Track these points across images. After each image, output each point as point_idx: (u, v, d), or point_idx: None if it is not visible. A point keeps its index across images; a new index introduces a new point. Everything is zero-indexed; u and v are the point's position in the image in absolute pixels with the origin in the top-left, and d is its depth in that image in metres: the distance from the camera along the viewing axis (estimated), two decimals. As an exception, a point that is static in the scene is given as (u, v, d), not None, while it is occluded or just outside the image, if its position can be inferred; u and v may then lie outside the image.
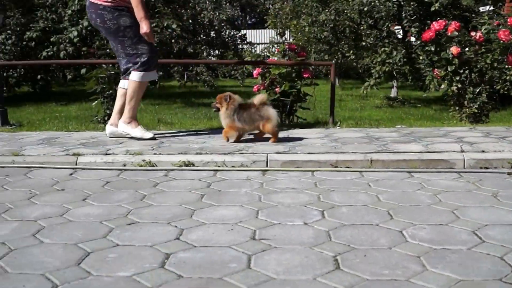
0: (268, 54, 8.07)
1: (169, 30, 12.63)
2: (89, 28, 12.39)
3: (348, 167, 4.07)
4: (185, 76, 18.38)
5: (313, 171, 4.00)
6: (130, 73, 5.19)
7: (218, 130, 5.91)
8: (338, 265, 2.17)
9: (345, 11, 12.40)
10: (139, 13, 5.02)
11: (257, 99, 4.85)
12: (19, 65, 13.56)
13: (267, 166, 4.13)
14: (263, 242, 2.45)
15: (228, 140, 4.89)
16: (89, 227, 2.71)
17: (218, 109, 4.99)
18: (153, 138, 5.19)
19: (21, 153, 4.53)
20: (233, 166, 4.15)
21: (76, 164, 4.30)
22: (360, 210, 2.95)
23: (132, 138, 5.24)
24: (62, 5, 13.99)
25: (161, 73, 15.80)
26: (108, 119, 6.90)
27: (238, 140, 4.93)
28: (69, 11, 12.63)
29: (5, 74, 12.92)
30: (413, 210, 2.92)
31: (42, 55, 12.84)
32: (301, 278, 2.06)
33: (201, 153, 4.38)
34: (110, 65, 7.02)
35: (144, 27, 5.02)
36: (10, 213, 2.99)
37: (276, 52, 7.16)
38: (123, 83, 5.33)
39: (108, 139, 5.28)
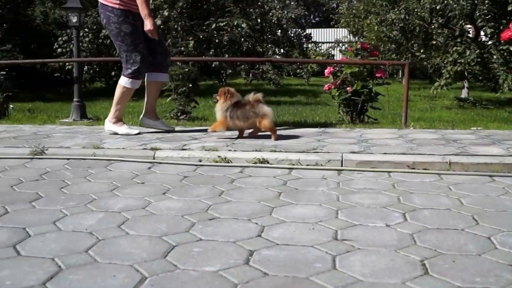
0: (335, 54, 8.00)
1: (239, 28, 12.70)
2: (162, 26, 12.59)
3: (425, 169, 3.96)
4: (251, 74, 18.46)
5: (390, 172, 3.90)
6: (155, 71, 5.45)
7: (290, 128, 5.89)
8: (427, 270, 2.10)
9: (415, 10, 12.14)
10: (143, 10, 5.13)
11: (251, 97, 4.95)
12: (95, 62, 13.90)
13: (342, 166, 4.07)
14: (346, 243, 2.40)
15: (213, 131, 5.06)
16: (171, 221, 2.73)
17: (217, 101, 5.07)
18: (139, 133, 5.38)
19: (101, 146, 4.62)
20: (307, 165, 4.11)
21: (154, 158, 4.35)
22: (443, 213, 2.85)
23: (131, 135, 5.38)
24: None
25: (230, 71, 15.94)
26: (181, 115, 6.99)
27: (241, 136, 5.11)
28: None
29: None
30: (499, 216, 2.80)
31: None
32: (390, 281, 2.00)
33: (275, 151, 4.36)
34: (184, 63, 7.09)
35: (148, 25, 5.15)
36: (95, 204, 3.05)
37: (348, 51, 7.07)
38: (151, 77, 5.55)
39: (183, 134, 5.34)
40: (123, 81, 5.37)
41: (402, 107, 6.67)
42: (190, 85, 7.06)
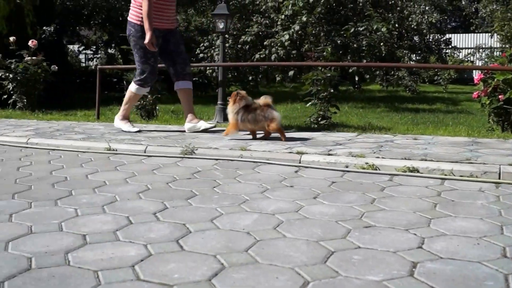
0: (474, 60, 7.60)
1: (378, 33, 12.47)
2: (299, 32, 12.68)
3: None
4: (386, 80, 18.08)
5: (554, 187, 3.61)
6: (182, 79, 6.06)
7: (439, 137, 5.66)
8: None
9: None
10: (145, 24, 5.71)
11: (262, 101, 5.20)
12: (238, 66, 14.25)
13: (499, 178, 3.82)
14: (517, 261, 2.23)
15: (226, 135, 5.36)
16: (326, 226, 2.69)
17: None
18: (139, 131, 5.99)
19: (248, 148, 4.69)
20: (461, 176, 3.90)
21: (300, 162, 4.34)
22: None
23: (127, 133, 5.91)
24: (275, 10, 14.48)
25: (367, 76, 15.72)
26: (321, 120, 6.95)
27: (254, 137, 5.42)
28: (282, 16, 13.01)
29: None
30: None
31: (254, 57, 13.39)
32: None
33: (425, 160, 4.19)
34: (327, 68, 7.06)
35: (146, 39, 5.72)
36: (248, 205, 3.08)
37: (502, 57, 6.67)
38: (176, 86, 6.15)
39: (326, 139, 5.30)
40: (132, 87, 6.07)
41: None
42: (332, 90, 7.00)
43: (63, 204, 3.14)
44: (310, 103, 7.13)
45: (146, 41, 5.71)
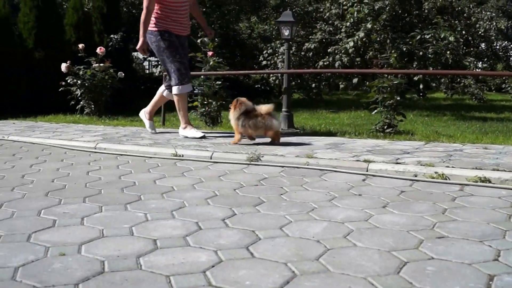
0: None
1: (445, 41, 12.22)
2: (364, 39, 12.57)
3: None
4: (451, 88, 17.69)
5: None
6: (171, 88, 6.29)
7: (510, 147, 5.48)
8: None
9: None
10: (140, 30, 6.08)
11: (263, 109, 5.45)
12: (302, 74, 14.25)
13: None
14: None
15: (235, 143, 5.56)
16: (398, 236, 2.64)
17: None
18: (203, 137, 6.09)
19: (314, 156, 4.67)
20: (537, 187, 3.76)
21: (367, 171, 4.29)
22: None
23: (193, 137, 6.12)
24: (338, 17, 14.42)
25: (433, 84, 15.43)
26: (387, 128, 6.86)
27: (252, 139, 5.67)
28: (348, 23, 12.94)
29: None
30: None
31: (318, 64, 13.35)
32: None
33: (498, 170, 4.06)
34: (393, 75, 6.96)
35: (138, 44, 6.13)
36: (317, 213, 3.06)
37: None
38: (162, 89, 6.57)
39: (393, 147, 5.22)
40: (175, 90, 6.20)
41: None
42: (398, 98, 6.90)
43: (133, 209, 3.20)
44: (375, 110, 7.05)
45: (138, 46, 6.14)
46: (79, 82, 9.28)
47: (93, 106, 9.40)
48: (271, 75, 14.77)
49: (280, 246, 2.46)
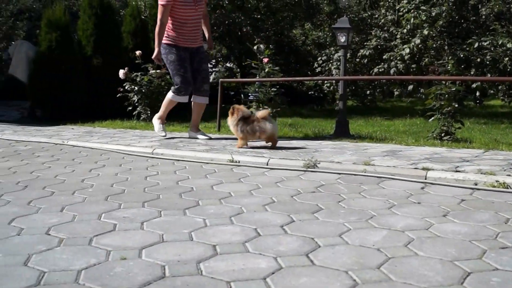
0: None
1: (503, 47, 11.93)
2: (420, 45, 12.39)
3: None
4: (507, 95, 17.18)
5: None
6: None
7: None
8: None
9: None
10: (155, 41, 6.62)
11: (259, 114, 5.80)
12: (358, 80, 14.16)
13: None
14: None
15: (240, 147, 5.88)
16: (460, 245, 2.58)
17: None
18: (164, 136, 6.90)
19: (371, 163, 4.63)
20: None
21: (426, 179, 4.21)
22: None
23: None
24: (393, 24, 14.26)
25: (491, 91, 15.05)
26: (444, 135, 6.73)
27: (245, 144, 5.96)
28: (404, 30, 12.77)
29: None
30: None
31: (373, 71, 13.23)
32: None
33: None
34: (450, 82, 6.82)
35: (154, 54, 6.69)
36: (376, 221, 3.03)
37: None
38: (193, 99, 6.93)
39: (452, 155, 5.11)
40: (170, 95, 6.78)
41: None
42: (456, 105, 6.76)
43: (191, 214, 3.24)
44: (432, 118, 6.92)
45: (153, 56, 6.70)
46: (136, 88, 9.44)
47: (149, 112, 9.54)
48: (325, 82, 14.70)
49: (341, 254, 2.44)
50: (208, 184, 4.12)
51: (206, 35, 7.07)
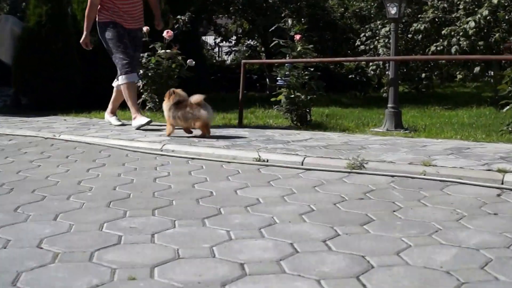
0: None
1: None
2: (488, 18, 12.21)
3: None
4: None
5: None
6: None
7: None
8: None
9: None
10: (84, 24, 7.32)
11: (193, 99, 6.21)
12: (407, 60, 14.03)
13: None
14: None
15: (168, 135, 6.39)
16: (551, 268, 2.50)
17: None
18: (149, 122, 7.13)
19: (432, 164, 4.55)
20: None
21: (502, 183, 4.12)
22: None
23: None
24: (455, -9, 14.10)
25: None
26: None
27: (188, 132, 6.44)
28: (467, -2, 12.65)
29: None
30: None
31: (430, 49, 13.08)
32: None
33: None
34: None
35: (82, 38, 7.39)
36: (442, 236, 2.96)
37: None
38: (115, 84, 7.66)
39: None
40: (120, 80, 7.27)
41: None
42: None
43: (212, 225, 3.20)
44: (507, 107, 6.80)
45: (81, 40, 7.36)
46: (141, 71, 9.43)
47: (157, 99, 9.50)
48: (370, 63, 14.56)
49: (400, 277, 2.39)
50: (230, 188, 4.09)
51: (155, 14, 7.84)
